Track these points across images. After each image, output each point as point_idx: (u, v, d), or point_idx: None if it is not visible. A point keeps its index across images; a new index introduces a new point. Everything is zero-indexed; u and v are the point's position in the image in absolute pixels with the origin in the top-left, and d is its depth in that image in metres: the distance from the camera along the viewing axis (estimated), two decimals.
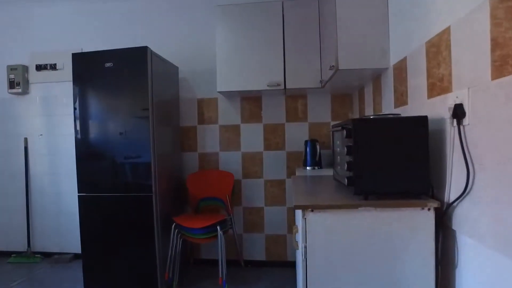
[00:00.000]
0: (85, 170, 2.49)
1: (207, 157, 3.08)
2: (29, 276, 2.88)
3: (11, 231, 3.37)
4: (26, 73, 3.29)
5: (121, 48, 2.40)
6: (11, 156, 3.37)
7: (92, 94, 2.47)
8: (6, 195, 3.40)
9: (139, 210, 2.41)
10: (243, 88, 2.65)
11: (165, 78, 2.73)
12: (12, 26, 3.35)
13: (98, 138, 2.48)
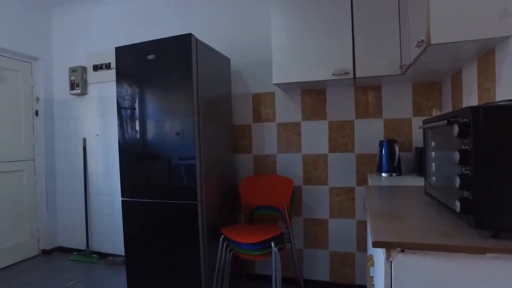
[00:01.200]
0: (127, 174, 2.32)
1: (263, 160, 2.72)
2: (84, 277, 2.84)
3: (74, 228, 3.43)
4: (84, 74, 3.30)
5: (163, 38, 2.17)
6: (72, 156, 3.42)
7: (133, 90, 2.29)
8: (68, 194, 3.47)
9: (183, 219, 2.15)
10: (303, 78, 2.24)
11: (215, 71, 2.44)
12: (73, 29, 3.41)
13: (139, 139, 2.28)
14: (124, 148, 2.34)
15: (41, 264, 3.19)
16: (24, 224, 3.32)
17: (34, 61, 3.43)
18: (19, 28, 3.22)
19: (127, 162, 2.32)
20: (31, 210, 3.38)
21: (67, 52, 3.44)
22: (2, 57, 3.14)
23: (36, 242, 3.43)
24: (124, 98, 2.31)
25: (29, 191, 3.37)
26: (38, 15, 3.40)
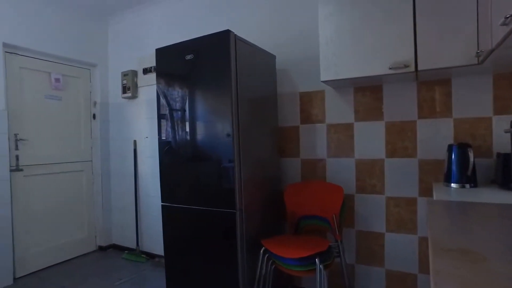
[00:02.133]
0: (166, 179, 2.26)
1: (312, 165, 2.50)
2: (132, 277, 2.88)
3: (126, 227, 3.54)
4: (135, 77, 3.38)
5: (201, 36, 2.07)
6: (125, 158, 3.53)
7: (172, 92, 2.22)
8: (121, 194, 3.59)
9: (220, 228, 2.02)
10: (355, 74, 1.98)
11: (258, 69, 2.28)
12: (125, 34, 3.52)
13: (177, 142, 2.21)
14: (162, 151, 2.29)
15: (97, 260, 3.33)
16: (83, 221, 3.51)
17: (93, 68, 3.62)
18: (80, 38, 3.41)
19: (166, 166, 2.27)
20: (89, 208, 3.56)
21: (120, 57, 3.57)
22: (65, 65, 3.34)
23: (94, 239, 3.60)
24: (163, 100, 2.27)
25: (87, 190, 3.55)
26: (96, 24, 3.57)
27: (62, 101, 3.32)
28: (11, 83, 2.92)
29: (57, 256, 3.23)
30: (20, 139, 2.96)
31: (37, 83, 3.12)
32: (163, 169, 2.29)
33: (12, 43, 2.88)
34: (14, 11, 2.88)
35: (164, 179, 2.29)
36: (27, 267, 2.99)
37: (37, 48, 3.06)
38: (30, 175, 3.03)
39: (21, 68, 3.01)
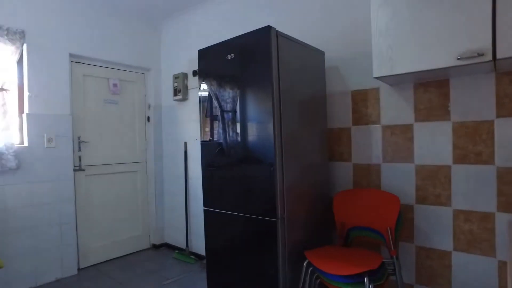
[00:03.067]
0: (207, 182, 2.21)
1: (365, 170, 2.26)
2: (179, 277, 2.91)
3: (177, 228, 3.61)
4: (185, 80, 3.42)
5: (241, 35, 1.97)
6: (176, 159, 3.60)
7: (213, 93, 2.16)
8: (173, 195, 3.67)
9: (261, 236, 1.90)
10: (415, 68, 1.72)
11: (304, 67, 2.12)
12: (177, 38, 3.59)
13: (218, 145, 2.14)
14: (204, 154, 2.24)
15: (150, 258, 3.44)
16: (139, 219, 3.66)
17: (147, 72, 3.76)
18: (135, 44, 3.56)
19: (207, 170, 2.21)
20: (144, 207, 3.71)
21: (172, 60, 3.65)
22: (122, 71, 3.52)
23: (148, 237, 3.74)
24: (205, 102, 2.22)
25: (142, 190, 3.70)
26: (150, 29, 3.70)
27: (119, 104, 3.50)
28: (75, 89, 3.14)
29: (115, 251, 3.41)
30: (82, 141, 3.18)
31: (97, 89, 3.32)
32: (204, 173, 2.25)
33: (77, 53, 3.10)
34: (77, 24, 3.10)
35: (205, 183, 2.25)
36: (89, 259, 3.20)
37: (98, 56, 3.26)
38: (90, 175, 3.24)
39: (84, 76, 3.23)
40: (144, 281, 2.85)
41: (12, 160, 2.61)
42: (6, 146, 2.59)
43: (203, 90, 2.22)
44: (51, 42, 2.91)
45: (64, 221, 2.97)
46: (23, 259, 2.71)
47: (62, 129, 2.97)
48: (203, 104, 2.26)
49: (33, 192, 2.78)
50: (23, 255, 2.71)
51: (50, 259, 2.86)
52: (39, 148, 2.82)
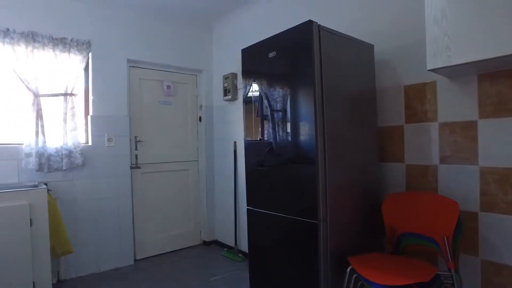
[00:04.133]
0: (250, 182, 2.20)
1: (419, 172, 2.07)
2: (226, 275, 2.95)
3: (226, 225, 3.67)
4: (235, 79, 3.47)
5: (282, 31, 1.92)
6: (226, 158, 3.67)
7: (257, 92, 2.14)
8: (223, 193, 3.75)
9: (302, 239, 1.84)
10: (479, 56, 1.51)
11: (351, 62, 2.00)
12: (227, 38, 3.66)
13: (261, 144, 2.11)
14: (248, 153, 2.24)
15: (200, 254, 3.56)
16: (190, 216, 3.80)
17: (199, 73, 3.89)
18: (188, 47, 3.71)
19: (250, 169, 2.21)
20: (195, 205, 3.84)
21: (223, 61, 3.73)
22: (175, 73, 3.69)
23: (199, 233, 3.87)
24: (248, 101, 2.22)
25: (193, 188, 3.84)
26: (201, 31, 3.83)
27: (173, 105, 3.67)
28: (132, 92, 3.37)
29: (168, 245, 3.58)
30: (138, 140, 3.39)
31: (152, 91, 3.53)
32: (248, 172, 2.25)
33: (134, 58, 3.33)
34: (134, 31, 3.32)
35: (248, 182, 2.25)
36: (144, 251, 3.41)
37: (153, 60, 3.46)
38: (146, 172, 3.45)
39: (141, 79, 3.45)
40: (193, 276, 2.94)
41: (79, 158, 2.88)
42: (74, 145, 2.87)
43: (246, 89, 2.22)
44: (111, 50, 3.16)
45: (122, 214, 3.20)
46: (88, 247, 2.98)
47: (121, 129, 3.20)
48: (245, 103, 2.27)
49: (96, 187, 3.04)
50: (88, 243, 2.98)
51: (110, 249, 3.11)
52: (101, 147, 3.08)
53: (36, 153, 2.67)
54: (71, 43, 2.88)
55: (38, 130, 2.70)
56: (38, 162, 2.68)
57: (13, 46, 2.62)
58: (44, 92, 2.75)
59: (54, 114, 2.80)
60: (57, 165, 2.79)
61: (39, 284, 2.29)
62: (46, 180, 2.73)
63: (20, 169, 2.69)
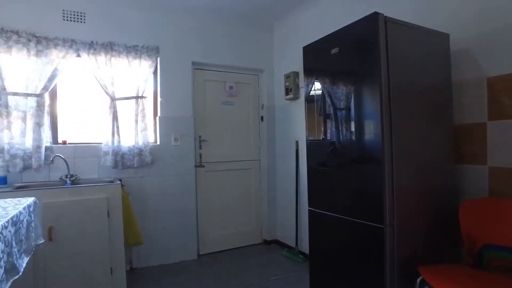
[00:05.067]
0: (312, 182, 2.13)
1: (506, 176, 1.81)
2: (286, 275, 2.92)
3: (287, 225, 3.64)
4: (296, 78, 3.41)
5: (345, 26, 1.83)
6: (288, 158, 3.64)
7: (319, 90, 2.07)
8: (284, 193, 3.73)
9: (366, 243, 1.73)
10: None
11: (421, 54, 1.83)
12: (288, 37, 3.62)
13: (324, 144, 2.04)
14: (310, 153, 2.19)
15: (260, 253, 3.58)
16: (252, 215, 3.85)
17: (260, 73, 3.92)
18: (249, 48, 3.77)
19: (312, 169, 2.15)
20: (257, 204, 3.88)
21: (284, 60, 3.71)
22: (237, 74, 3.77)
23: (260, 232, 3.90)
24: (310, 100, 2.16)
25: (255, 187, 3.87)
26: (262, 32, 3.85)
27: (235, 105, 3.75)
28: (197, 93, 3.52)
29: (229, 242, 3.67)
30: (202, 140, 3.53)
31: (215, 92, 3.64)
32: (310, 172, 2.20)
33: (198, 61, 3.48)
34: (198, 35, 3.47)
35: (310, 183, 2.20)
36: (207, 247, 3.54)
37: (216, 62, 3.57)
38: (209, 171, 3.57)
39: (204, 80, 3.59)
40: (253, 274, 2.97)
41: (148, 156, 3.09)
42: (144, 144, 3.09)
43: (308, 87, 2.17)
44: (177, 54, 3.34)
45: (187, 210, 3.36)
46: (156, 240, 3.19)
47: (186, 129, 3.37)
48: (307, 102, 2.22)
49: (163, 183, 3.24)
50: (156, 236, 3.19)
51: (176, 242, 3.29)
52: (168, 146, 3.27)
53: (112, 152, 2.94)
54: (142, 50, 3.10)
55: (114, 130, 2.96)
56: (114, 159, 2.94)
57: (95, 56, 2.91)
58: (119, 96, 3.00)
59: (127, 116, 3.05)
60: (130, 163, 3.04)
61: (115, 270, 2.51)
62: (120, 176, 2.99)
63: (100, 166, 2.98)
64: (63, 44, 2.78)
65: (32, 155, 2.68)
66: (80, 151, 2.93)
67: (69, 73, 2.96)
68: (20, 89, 2.65)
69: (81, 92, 3.07)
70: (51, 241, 2.27)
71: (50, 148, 2.77)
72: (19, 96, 2.64)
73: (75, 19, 2.92)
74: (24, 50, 2.65)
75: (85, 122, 3.08)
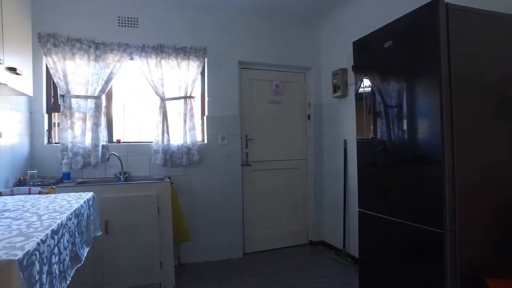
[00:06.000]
0: (364, 183, 2.03)
1: None
2: (333, 278, 2.83)
3: (334, 227, 3.53)
4: (345, 75, 3.29)
5: (400, 17, 1.71)
6: (335, 157, 3.53)
7: (371, 87, 1.96)
8: (331, 193, 3.61)
9: (424, 250, 1.60)
10: None
11: (492, 43, 1.65)
12: (336, 33, 3.50)
13: (376, 142, 1.92)
14: (360, 152, 2.08)
15: (306, 253, 3.51)
16: (298, 215, 3.79)
17: (307, 71, 3.84)
18: (295, 45, 3.70)
19: (362, 169, 2.05)
20: (303, 204, 3.81)
21: (331, 57, 3.59)
22: (283, 72, 3.73)
23: (306, 233, 3.82)
24: (360, 97, 2.05)
25: (301, 187, 3.81)
26: (309, 29, 3.77)
27: (281, 104, 3.71)
28: (243, 93, 3.54)
29: (274, 242, 3.64)
30: (249, 139, 3.54)
31: (261, 91, 3.64)
32: (361, 172, 2.10)
33: (244, 60, 3.49)
34: (244, 34, 3.49)
35: (361, 183, 2.09)
36: (252, 246, 3.54)
37: (262, 61, 3.56)
38: (255, 170, 3.57)
39: (251, 80, 3.59)
40: (298, 276, 2.91)
41: (196, 155, 3.17)
42: (192, 143, 3.17)
43: (360, 84, 2.07)
44: (224, 54, 3.38)
45: (233, 209, 3.39)
46: (203, 237, 3.26)
47: (233, 128, 3.40)
48: (357, 99, 2.12)
49: (210, 182, 3.30)
50: (203, 233, 3.26)
51: (222, 240, 3.33)
52: (215, 145, 3.33)
53: (162, 150, 3.05)
54: (190, 51, 3.18)
55: (164, 130, 3.07)
56: (163, 158, 3.06)
57: (147, 59, 3.04)
58: (168, 96, 3.11)
59: (175, 115, 3.15)
60: (178, 161, 3.13)
61: (165, 264, 2.61)
62: (169, 174, 3.10)
63: (150, 164, 3.11)
64: (118, 48, 2.95)
65: (90, 153, 2.87)
66: (133, 149, 3.09)
67: (123, 76, 3.14)
68: (81, 91, 2.86)
69: (134, 93, 3.23)
70: (107, 233, 2.41)
71: (106, 146, 2.96)
72: (80, 98, 2.85)
73: (129, 25, 3.08)
74: (85, 56, 2.86)
75: (137, 121, 3.24)
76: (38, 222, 1.06)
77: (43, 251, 0.89)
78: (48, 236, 0.95)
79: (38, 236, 0.89)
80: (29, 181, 2.50)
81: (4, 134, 2.31)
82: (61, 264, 1.05)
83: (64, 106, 2.81)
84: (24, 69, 1.83)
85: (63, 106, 2.81)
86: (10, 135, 2.44)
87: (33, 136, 2.83)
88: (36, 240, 0.86)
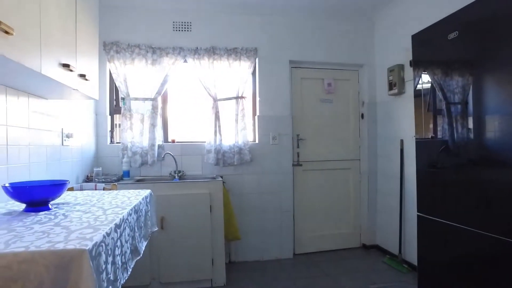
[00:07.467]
0: (425, 185, 1.88)
1: None
2: (387, 285, 2.67)
3: (389, 231, 3.34)
4: (401, 71, 3.10)
5: (468, 5, 1.55)
6: (390, 158, 3.35)
7: (437, 83, 1.81)
8: (386, 196, 3.43)
9: (501, 263, 1.44)
10: None
11: None
12: (391, 28, 3.31)
13: (438, 142, 1.77)
14: (420, 153, 1.94)
15: (359, 257, 3.37)
16: (350, 217, 3.66)
17: (360, 68, 3.69)
18: (348, 42, 3.58)
19: (422, 171, 1.90)
20: (356, 206, 3.67)
21: (386, 53, 3.41)
22: (335, 70, 3.62)
23: (358, 236, 3.67)
24: (419, 94, 1.91)
25: (354, 189, 3.67)
26: (362, 24, 3.61)
27: (333, 103, 3.61)
28: (294, 92, 3.50)
29: (325, 244, 3.56)
30: (300, 139, 3.50)
31: (313, 90, 3.57)
32: (421, 174, 1.96)
33: (295, 59, 3.46)
34: (294, 33, 3.44)
35: (421, 186, 1.95)
36: (303, 247, 3.49)
37: (313, 59, 3.49)
38: (307, 170, 3.52)
39: (302, 79, 3.54)
40: (350, 279, 2.81)
41: (247, 154, 3.20)
42: (243, 143, 3.20)
43: (419, 80, 1.93)
44: (275, 54, 3.38)
45: (284, 209, 3.37)
46: (253, 236, 3.29)
47: (284, 128, 3.38)
48: (417, 96, 1.97)
49: (261, 181, 3.32)
50: (253, 233, 3.29)
51: (272, 240, 3.33)
52: (266, 145, 3.34)
53: (215, 150, 3.13)
54: (241, 52, 3.23)
55: (216, 130, 3.15)
56: (215, 157, 3.13)
57: (200, 60, 3.15)
58: (220, 97, 3.18)
59: (227, 116, 3.21)
60: (230, 161, 3.19)
61: (216, 261, 2.67)
62: (221, 173, 3.17)
63: (203, 163, 3.21)
64: (173, 52, 3.09)
65: (147, 152, 3.04)
66: (186, 149, 3.21)
67: (177, 78, 3.28)
68: (139, 94, 3.04)
69: (187, 95, 3.36)
70: (163, 229, 2.53)
71: (161, 146, 3.11)
72: (139, 100, 3.03)
73: (183, 29, 3.21)
74: (143, 60, 3.03)
75: (191, 122, 3.36)
76: (103, 216, 1.14)
77: (108, 243, 0.95)
78: (112, 230, 1.01)
79: (104, 229, 0.96)
80: (94, 177, 2.73)
81: (75, 135, 2.54)
82: (123, 256, 1.12)
83: (124, 108, 3.01)
84: (92, 75, 1.98)
85: (124, 108, 3.02)
86: (81, 136, 2.67)
87: (98, 136, 3.07)
88: (102, 233, 0.92)
